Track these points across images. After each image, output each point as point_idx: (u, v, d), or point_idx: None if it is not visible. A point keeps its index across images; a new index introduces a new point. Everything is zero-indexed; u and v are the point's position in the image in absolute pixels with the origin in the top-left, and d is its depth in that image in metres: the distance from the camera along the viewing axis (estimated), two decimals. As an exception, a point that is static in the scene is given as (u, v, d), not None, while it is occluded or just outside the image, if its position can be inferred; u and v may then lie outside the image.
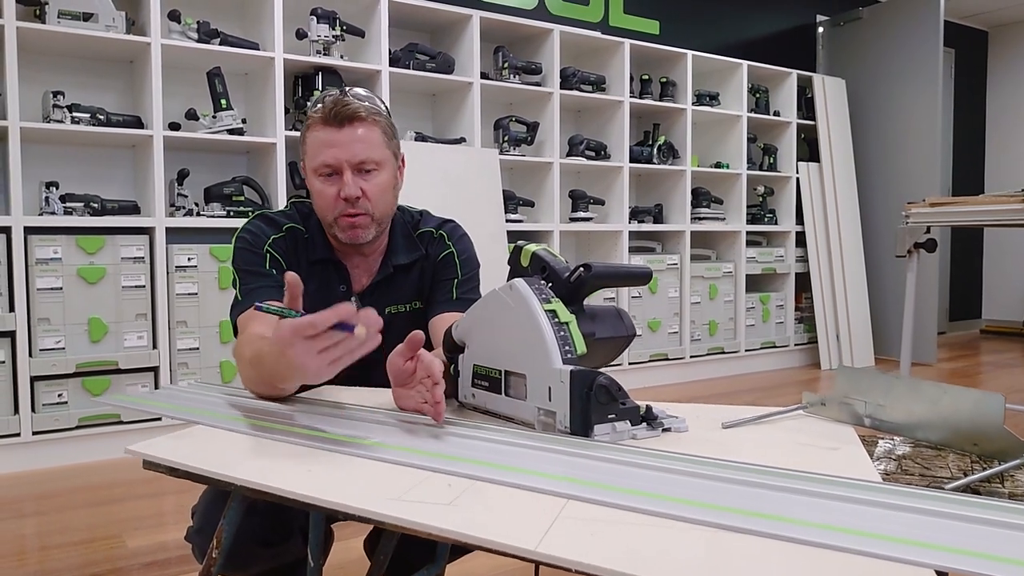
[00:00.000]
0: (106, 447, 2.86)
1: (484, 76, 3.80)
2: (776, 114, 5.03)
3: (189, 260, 3.00)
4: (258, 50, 3.21)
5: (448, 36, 3.86)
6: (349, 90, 1.30)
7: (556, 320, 0.93)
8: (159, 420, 2.80)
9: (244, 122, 3.22)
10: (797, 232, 5.05)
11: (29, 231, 2.76)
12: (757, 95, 4.97)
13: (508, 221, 3.78)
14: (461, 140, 3.75)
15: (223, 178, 3.23)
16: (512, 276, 1.04)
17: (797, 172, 5.03)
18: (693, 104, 4.56)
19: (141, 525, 2.24)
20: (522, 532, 0.61)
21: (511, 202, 3.88)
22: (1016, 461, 0.80)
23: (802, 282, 5.11)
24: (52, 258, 2.77)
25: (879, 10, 5.32)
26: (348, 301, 1.35)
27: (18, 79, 2.75)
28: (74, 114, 2.89)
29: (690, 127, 4.54)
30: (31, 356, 2.76)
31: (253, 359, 1.08)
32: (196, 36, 3.10)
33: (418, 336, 1.01)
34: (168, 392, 1.21)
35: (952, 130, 6.63)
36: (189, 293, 3.00)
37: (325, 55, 3.37)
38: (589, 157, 4.20)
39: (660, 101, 4.48)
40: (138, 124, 3.02)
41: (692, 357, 4.56)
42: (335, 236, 1.33)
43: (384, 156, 1.30)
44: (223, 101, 3.14)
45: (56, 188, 2.91)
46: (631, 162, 4.30)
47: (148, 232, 2.98)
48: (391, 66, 3.49)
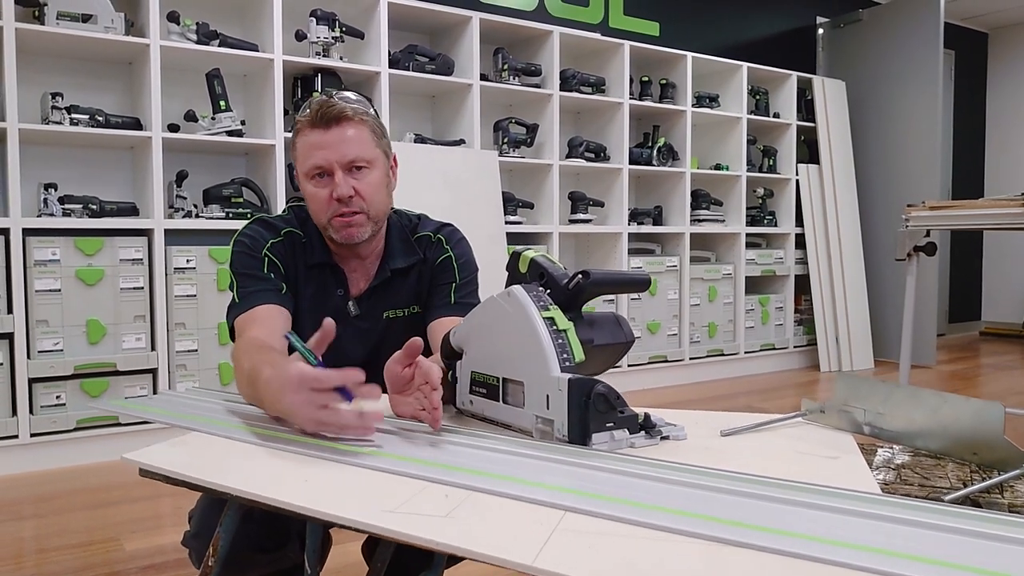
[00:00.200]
0: (104, 449, 2.86)
1: (484, 78, 3.80)
2: (776, 116, 5.02)
3: (188, 262, 2.99)
4: (257, 51, 3.21)
5: (448, 38, 3.86)
6: (335, 92, 1.30)
7: (554, 327, 0.93)
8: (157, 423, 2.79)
9: (243, 124, 3.21)
10: (797, 234, 5.05)
11: (27, 232, 2.76)
12: (757, 97, 4.96)
13: (507, 223, 3.78)
14: (460, 142, 3.74)
15: (222, 180, 3.22)
16: (510, 282, 1.04)
17: (797, 174, 5.02)
18: (693, 106, 4.55)
19: (139, 528, 2.23)
20: (519, 545, 0.60)
21: (510, 204, 3.88)
22: (1016, 471, 0.80)
23: (802, 284, 5.11)
24: (50, 260, 2.77)
25: (879, 12, 5.31)
26: (346, 305, 1.36)
27: (17, 80, 2.74)
28: (73, 115, 2.88)
29: (690, 129, 4.54)
30: (29, 358, 2.75)
31: (251, 374, 1.08)
32: (195, 37, 3.10)
33: (417, 343, 1.00)
34: (165, 398, 1.21)
35: (952, 132, 6.63)
36: (188, 295, 3.00)
37: (324, 57, 3.36)
38: (589, 159, 4.20)
39: (660, 103, 4.47)
40: (137, 125, 3.02)
41: (691, 359, 4.56)
42: (331, 239, 1.33)
43: (374, 154, 1.30)
44: (222, 103, 3.13)
45: (55, 189, 2.91)
46: (631, 164, 4.30)
47: (147, 234, 2.97)
48: (390, 68, 3.49)
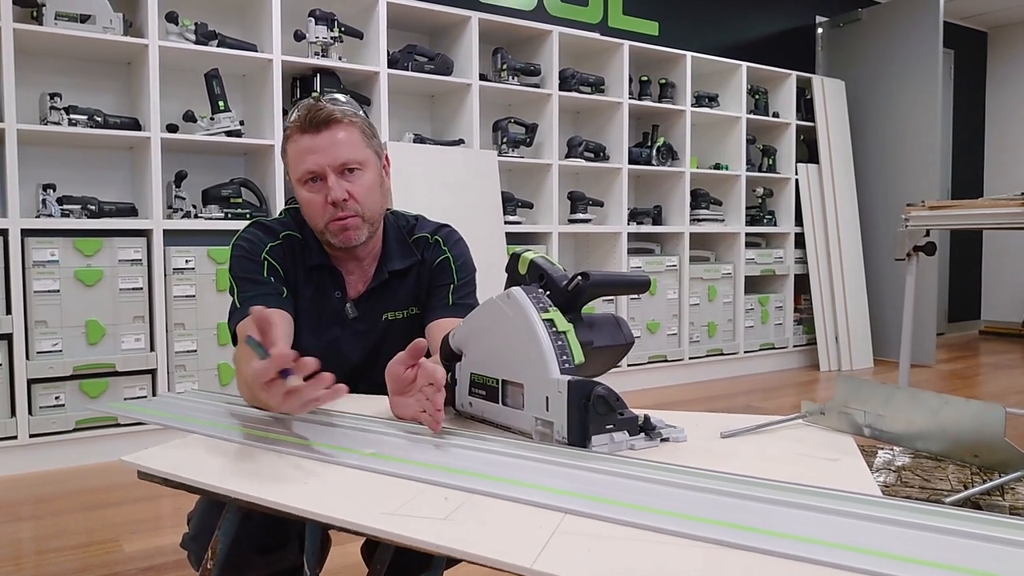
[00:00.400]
0: (103, 450, 2.85)
1: (483, 77, 3.80)
2: (775, 115, 5.02)
3: (187, 262, 2.99)
4: (256, 52, 3.20)
5: (447, 37, 3.85)
6: (323, 95, 1.30)
7: (554, 329, 0.93)
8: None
9: (242, 124, 3.21)
10: (796, 233, 5.05)
11: (26, 233, 2.76)
12: (756, 96, 4.96)
13: (507, 223, 3.77)
14: (460, 142, 3.74)
15: (221, 180, 3.22)
16: (510, 284, 1.04)
17: (796, 173, 5.02)
18: (692, 105, 4.55)
19: (138, 529, 2.23)
20: (518, 548, 0.60)
21: (510, 204, 3.88)
22: (1017, 473, 0.80)
23: (801, 284, 5.11)
24: (49, 260, 2.77)
25: (878, 11, 5.31)
26: (344, 307, 1.36)
27: (15, 81, 2.74)
28: (71, 116, 2.88)
29: (689, 128, 4.54)
30: (28, 359, 2.75)
31: (250, 379, 1.07)
32: (194, 38, 3.10)
33: (421, 344, 1.00)
34: (164, 400, 1.20)
35: (951, 131, 6.62)
36: (187, 295, 2.99)
37: (323, 57, 3.36)
38: (588, 159, 4.19)
39: (659, 102, 4.47)
40: (136, 126, 3.01)
41: (691, 359, 4.55)
42: (329, 243, 1.32)
43: (366, 156, 1.30)
44: (221, 103, 3.13)
45: (53, 190, 2.90)
46: (630, 163, 4.29)
47: (146, 234, 2.97)
48: (389, 68, 3.48)
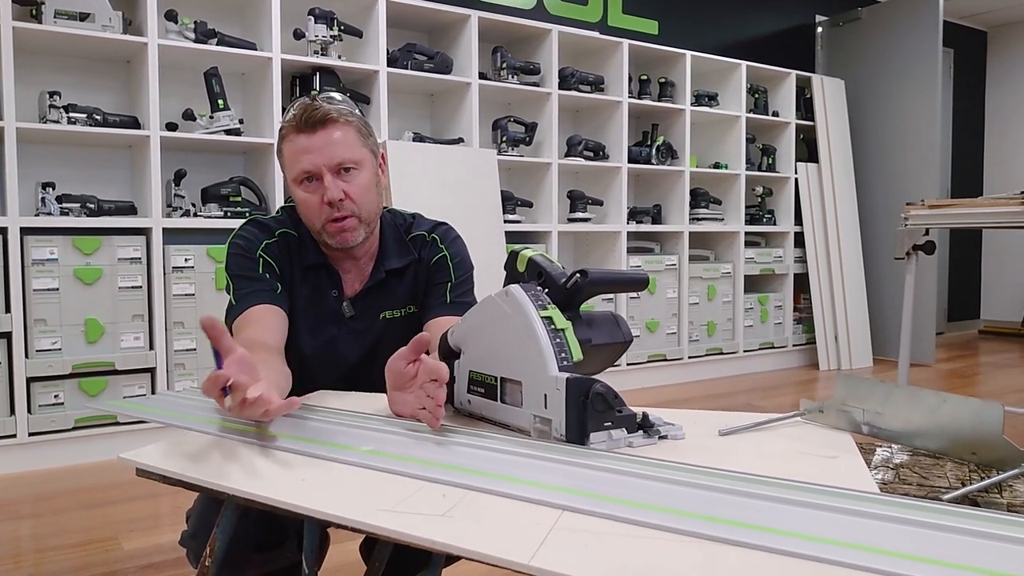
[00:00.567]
0: (102, 448, 2.85)
1: (482, 76, 3.80)
2: (775, 114, 5.02)
3: (186, 261, 2.99)
4: (255, 50, 3.20)
5: (446, 36, 3.85)
6: (318, 95, 1.30)
7: (552, 327, 0.93)
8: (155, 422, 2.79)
9: (241, 122, 3.21)
10: (796, 233, 5.05)
11: (25, 232, 2.76)
12: (756, 95, 4.96)
13: (506, 222, 3.77)
14: (459, 140, 3.74)
15: (220, 179, 3.22)
16: (508, 282, 1.04)
17: (796, 173, 5.02)
18: (692, 104, 4.55)
19: (137, 527, 2.23)
20: (516, 544, 0.60)
21: (509, 203, 3.88)
22: (1015, 471, 0.80)
23: (800, 283, 5.11)
24: (48, 259, 2.76)
25: (878, 10, 5.31)
26: (341, 306, 1.36)
27: (14, 79, 2.74)
28: (70, 114, 2.88)
29: (689, 127, 4.54)
30: (27, 357, 2.75)
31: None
32: (193, 36, 3.09)
33: (425, 338, 0.98)
34: (162, 398, 1.20)
35: (951, 130, 6.62)
36: (186, 294, 2.99)
37: (323, 55, 3.36)
38: (587, 157, 4.19)
39: (659, 101, 4.47)
40: (135, 124, 3.01)
41: (690, 358, 4.55)
42: (326, 243, 1.32)
43: (362, 155, 1.29)
44: (220, 101, 3.13)
45: (52, 189, 2.90)
46: (629, 162, 4.29)
47: (145, 233, 2.97)
48: (389, 66, 3.48)
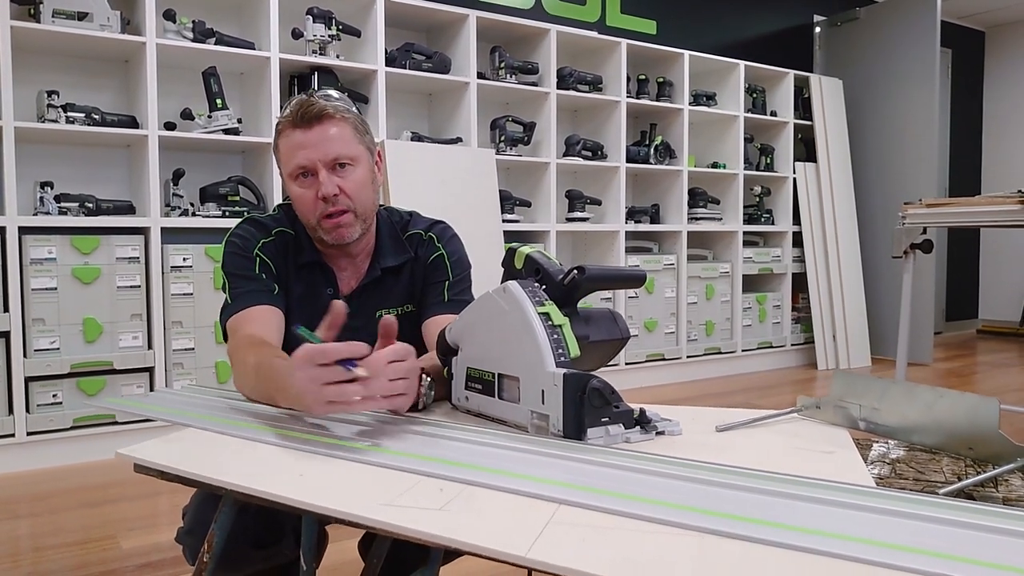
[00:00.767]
0: (100, 448, 2.85)
1: (481, 76, 3.80)
2: (773, 114, 5.03)
3: (184, 260, 2.99)
4: (254, 50, 3.20)
5: (444, 36, 3.85)
6: (316, 91, 1.30)
7: (549, 323, 0.93)
8: (153, 421, 2.79)
9: (240, 122, 3.21)
10: (794, 232, 5.05)
11: (24, 231, 2.76)
12: (754, 95, 4.96)
13: (504, 221, 3.77)
14: (457, 140, 3.74)
15: (219, 178, 3.22)
16: (506, 278, 1.04)
17: (794, 172, 5.02)
18: (690, 104, 4.56)
19: (135, 526, 2.23)
20: (513, 537, 0.60)
21: (507, 202, 3.88)
22: (1011, 465, 0.80)
23: (799, 282, 5.11)
24: (47, 258, 2.76)
25: (876, 10, 5.32)
26: (339, 303, 1.36)
27: (12, 78, 2.74)
28: (69, 114, 2.88)
29: (687, 127, 4.54)
30: (25, 357, 2.75)
31: (259, 367, 1.07)
32: (191, 35, 3.09)
33: (389, 320, 1.00)
34: (161, 395, 1.20)
35: (949, 130, 6.64)
36: (184, 293, 2.99)
37: (321, 55, 3.36)
38: (586, 157, 4.20)
39: (657, 101, 4.48)
40: (133, 124, 3.01)
41: (689, 357, 4.56)
42: (321, 239, 1.32)
43: (358, 151, 1.29)
44: (219, 101, 3.13)
45: (51, 188, 2.90)
46: (628, 162, 4.30)
47: (143, 232, 2.97)
48: (387, 66, 3.48)
